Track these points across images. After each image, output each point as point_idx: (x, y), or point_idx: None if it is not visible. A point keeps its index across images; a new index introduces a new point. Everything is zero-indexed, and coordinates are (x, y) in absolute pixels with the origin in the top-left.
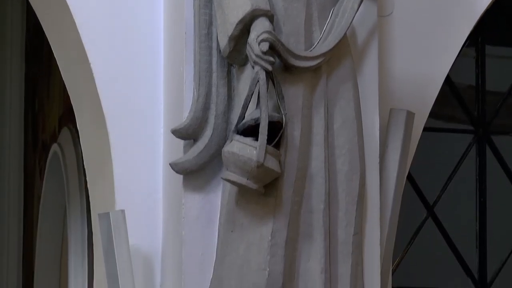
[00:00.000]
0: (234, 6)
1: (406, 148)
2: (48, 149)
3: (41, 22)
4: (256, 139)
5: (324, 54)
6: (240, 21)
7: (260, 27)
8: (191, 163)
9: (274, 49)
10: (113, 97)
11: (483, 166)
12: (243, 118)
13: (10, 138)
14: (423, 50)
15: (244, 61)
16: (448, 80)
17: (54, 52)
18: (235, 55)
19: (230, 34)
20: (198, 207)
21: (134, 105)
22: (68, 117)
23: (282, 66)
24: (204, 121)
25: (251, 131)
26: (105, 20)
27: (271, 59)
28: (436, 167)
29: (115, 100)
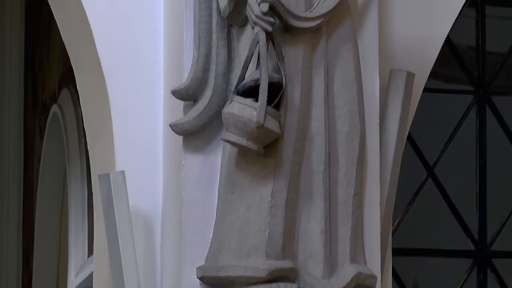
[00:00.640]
0: None
1: (406, 109)
2: (48, 110)
3: None
4: (256, 100)
5: (324, 15)
6: None
7: None
8: (191, 124)
9: (274, 9)
10: (113, 58)
11: (483, 127)
12: (243, 79)
13: (10, 99)
14: (423, 11)
15: (244, 22)
16: (448, 41)
17: (53, 12)
18: (235, 16)
19: None
20: (198, 168)
21: (134, 66)
22: (68, 78)
23: (282, 27)
24: (204, 82)
25: (251, 92)
26: None
27: (271, 19)
28: (436, 128)
29: (115, 61)
